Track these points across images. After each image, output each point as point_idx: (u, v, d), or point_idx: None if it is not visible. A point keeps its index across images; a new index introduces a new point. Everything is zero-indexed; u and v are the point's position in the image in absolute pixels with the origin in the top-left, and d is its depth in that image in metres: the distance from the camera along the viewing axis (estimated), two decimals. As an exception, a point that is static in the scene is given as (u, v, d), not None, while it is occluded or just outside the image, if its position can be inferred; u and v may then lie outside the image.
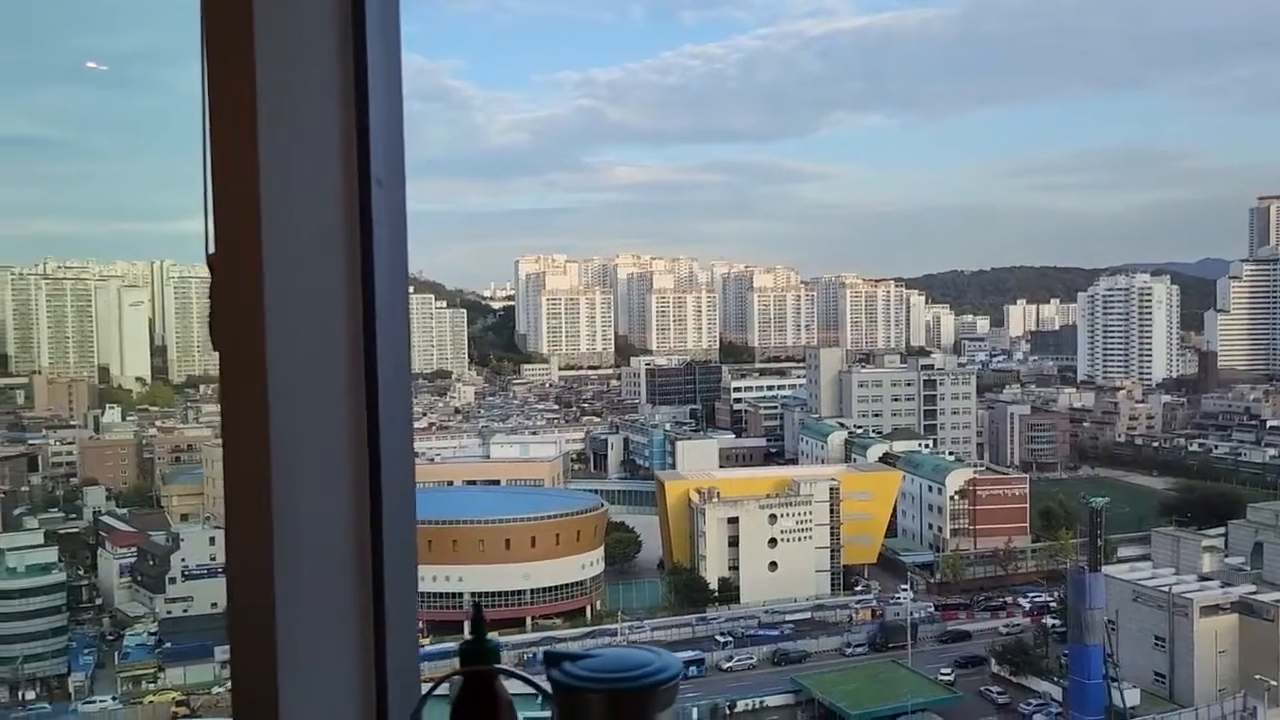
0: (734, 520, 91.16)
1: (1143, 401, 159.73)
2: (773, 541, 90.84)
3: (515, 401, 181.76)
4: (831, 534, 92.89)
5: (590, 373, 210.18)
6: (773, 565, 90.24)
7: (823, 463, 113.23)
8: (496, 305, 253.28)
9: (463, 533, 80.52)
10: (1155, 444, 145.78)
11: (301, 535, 1.97)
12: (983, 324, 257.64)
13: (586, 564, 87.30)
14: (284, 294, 1.92)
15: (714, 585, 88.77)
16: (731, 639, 78.95)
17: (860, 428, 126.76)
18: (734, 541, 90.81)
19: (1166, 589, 67.05)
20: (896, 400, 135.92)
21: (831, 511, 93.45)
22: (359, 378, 2.03)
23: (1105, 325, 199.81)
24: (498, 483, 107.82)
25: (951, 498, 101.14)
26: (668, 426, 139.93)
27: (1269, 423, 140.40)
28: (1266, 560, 70.29)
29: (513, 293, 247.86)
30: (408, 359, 2.20)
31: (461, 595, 76.20)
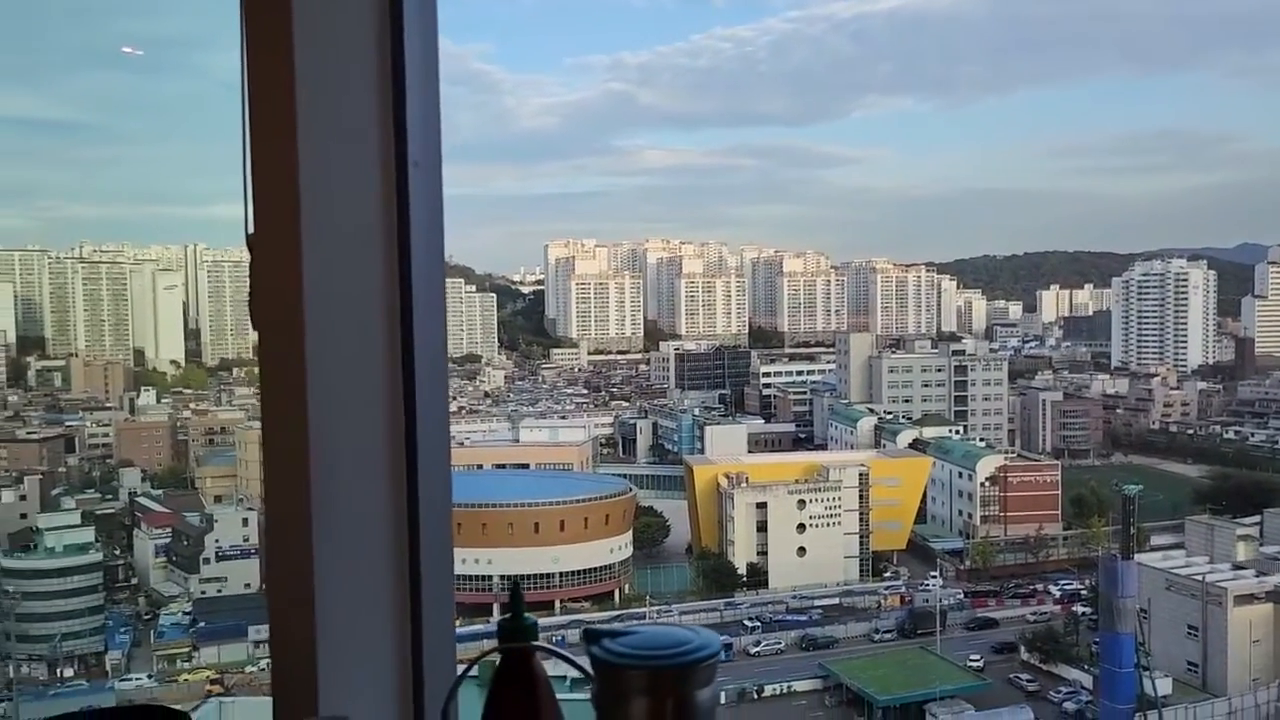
0: (762, 505, 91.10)
1: (1178, 388, 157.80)
2: (801, 527, 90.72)
3: (544, 386, 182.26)
4: (860, 520, 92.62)
5: (619, 357, 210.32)
6: (801, 551, 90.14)
7: (852, 448, 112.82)
8: (526, 290, 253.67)
9: (492, 516, 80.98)
10: (1190, 431, 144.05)
11: (339, 514, 1.97)
12: (1015, 309, 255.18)
13: (615, 548, 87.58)
14: (322, 275, 1.93)
15: (742, 570, 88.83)
16: (759, 624, 79.02)
17: (890, 413, 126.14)
18: (762, 527, 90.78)
19: (1200, 577, 66.33)
20: (927, 386, 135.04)
21: (860, 497, 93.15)
22: (396, 358, 2.03)
23: (1140, 311, 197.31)
24: (527, 466, 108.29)
25: (982, 484, 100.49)
26: (696, 411, 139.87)
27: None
28: (1303, 549, 69.41)
29: (542, 277, 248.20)
30: (444, 340, 2.22)
31: (491, 578, 76.71)
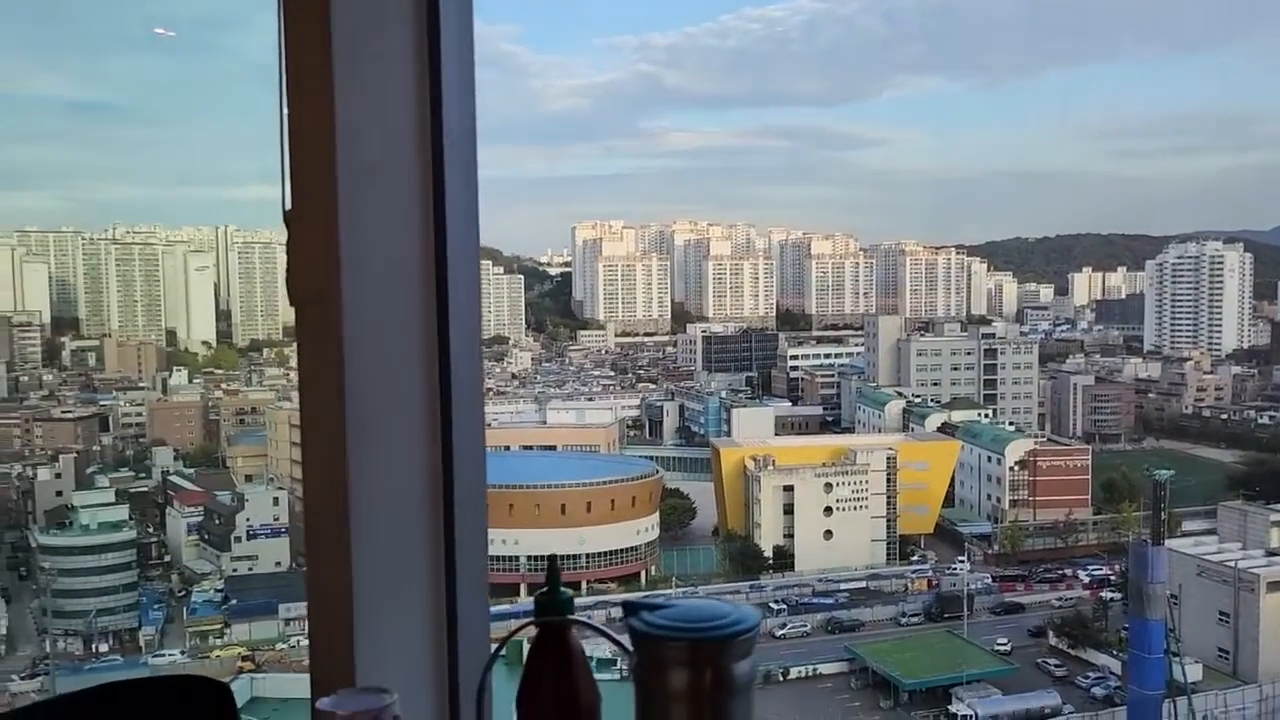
0: (789, 488, 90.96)
1: (1211, 372, 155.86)
2: (828, 510, 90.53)
3: (571, 367, 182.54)
4: (888, 503, 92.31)
5: (646, 339, 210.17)
6: (828, 534, 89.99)
7: (880, 432, 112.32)
8: (553, 271, 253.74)
9: (519, 497, 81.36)
10: (1224, 416, 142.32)
11: (376, 489, 1.98)
12: (1046, 292, 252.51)
13: (641, 529, 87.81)
14: (359, 250, 1.93)
15: (768, 553, 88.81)
16: (785, 607, 79.02)
17: (918, 397, 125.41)
18: (789, 509, 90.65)
19: (1232, 564, 65.69)
20: (956, 369, 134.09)
21: (888, 481, 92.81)
22: (432, 332, 2.04)
23: (1174, 294, 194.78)
24: (554, 448, 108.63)
25: (1011, 468, 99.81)
26: (723, 394, 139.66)
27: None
28: (1338, 536, 68.56)
29: (569, 259, 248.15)
30: (479, 313, 2.21)
31: (518, 559, 77.12)
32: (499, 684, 1.96)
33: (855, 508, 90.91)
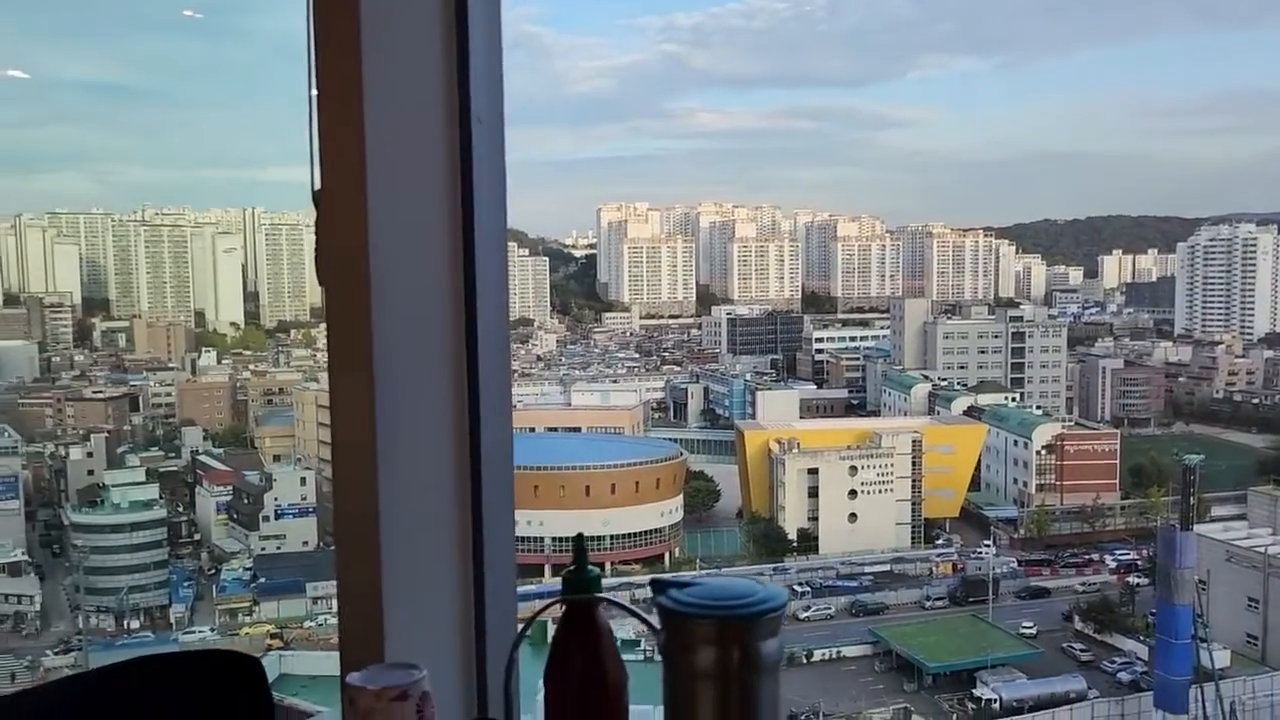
0: (814, 471, 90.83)
1: (1243, 356, 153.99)
2: (853, 493, 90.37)
3: (596, 350, 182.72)
4: (913, 487, 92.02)
5: (671, 321, 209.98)
6: (852, 517, 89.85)
7: (905, 415, 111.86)
8: (578, 253, 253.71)
9: (544, 478, 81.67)
10: (1255, 400, 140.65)
11: (405, 468, 1.99)
12: (1076, 275, 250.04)
13: (665, 511, 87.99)
14: (388, 231, 1.95)
15: (792, 536, 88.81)
16: (809, 589, 79.04)
17: (945, 380, 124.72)
18: (813, 492, 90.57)
19: (1262, 549, 65.13)
20: (983, 352, 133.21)
21: (913, 464, 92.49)
22: (460, 312, 2.06)
23: (1206, 277, 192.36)
24: (578, 430, 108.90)
25: (1038, 452, 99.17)
26: (748, 376, 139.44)
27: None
28: (1371, 523, 67.78)
29: (594, 241, 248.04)
30: (506, 294, 2.23)
31: (543, 539, 77.49)
32: (522, 663, 1.99)
33: (880, 491, 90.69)
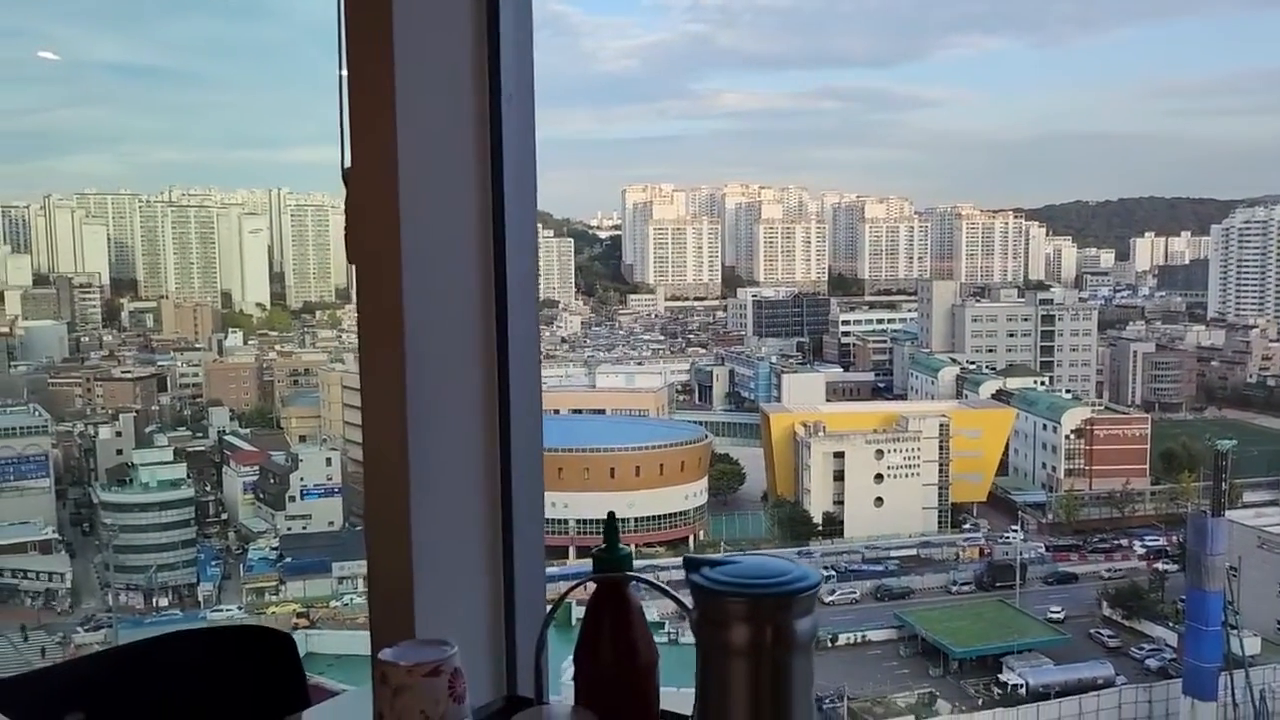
0: (839, 455, 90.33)
1: (1278, 340, 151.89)
2: (879, 477, 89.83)
3: (621, 332, 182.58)
4: (940, 471, 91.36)
5: (696, 304, 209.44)
6: (878, 501, 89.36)
7: (933, 399, 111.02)
8: (603, 234, 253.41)
9: (568, 460, 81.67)
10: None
11: (435, 446, 2.01)
12: (1107, 257, 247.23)
13: (690, 494, 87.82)
14: (418, 208, 1.96)
15: (817, 519, 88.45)
16: (834, 573, 78.70)
17: (973, 363, 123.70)
18: (839, 476, 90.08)
19: (1296, 537, 64.18)
20: (1012, 336, 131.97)
21: (940, 448, 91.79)
22: (490, 289, 2.08)
23: (1240, 259, 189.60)
24: (603, 412, 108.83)
25: (1067, 437, 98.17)
26: (774, 359, 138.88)
27: None
28: None
29: (619, 222, 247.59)
30: (535, 270, 2.24)
31: (567, 521, 77.56)
32: (550, 643, 1.99)
33: (907, 475, 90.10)
